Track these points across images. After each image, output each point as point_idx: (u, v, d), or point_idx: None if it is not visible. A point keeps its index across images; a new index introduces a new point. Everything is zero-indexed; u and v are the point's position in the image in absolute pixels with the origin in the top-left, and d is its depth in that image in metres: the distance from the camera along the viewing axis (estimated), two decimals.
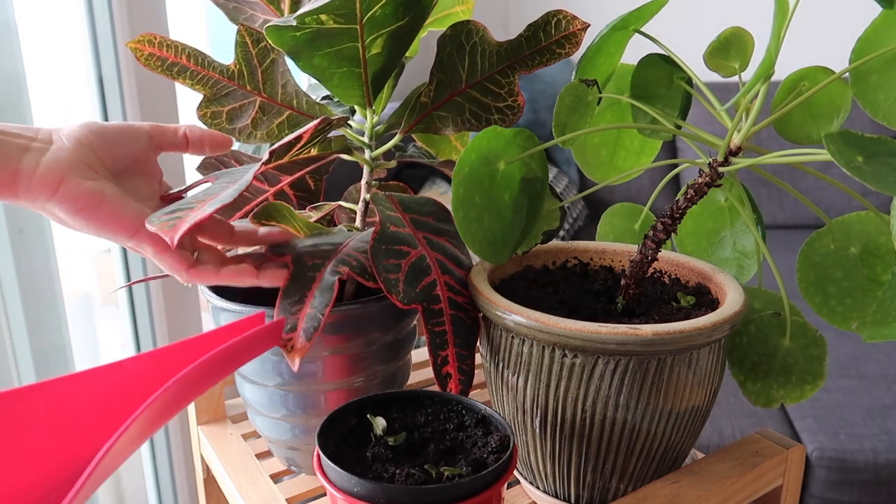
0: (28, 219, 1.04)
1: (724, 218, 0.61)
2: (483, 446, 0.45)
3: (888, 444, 1.17)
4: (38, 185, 0.45)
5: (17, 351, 1.01)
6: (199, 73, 0.58)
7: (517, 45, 0.57)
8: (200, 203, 0.45)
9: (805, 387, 0.53)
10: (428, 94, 0.59)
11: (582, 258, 0.63)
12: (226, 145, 0.55)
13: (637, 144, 0.62)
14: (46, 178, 0.45)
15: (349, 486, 0.41)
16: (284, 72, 0.59)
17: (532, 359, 0.49)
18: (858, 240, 0.53)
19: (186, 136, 0.53)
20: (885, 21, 0.44)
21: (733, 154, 0.49)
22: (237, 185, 0.47)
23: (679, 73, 0.56)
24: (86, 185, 0.46)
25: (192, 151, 0.54)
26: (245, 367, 0.58)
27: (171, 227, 0.43)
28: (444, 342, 0.52)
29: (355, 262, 0.52)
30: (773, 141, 1.99)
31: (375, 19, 0.51)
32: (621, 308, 0.55)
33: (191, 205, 0.45)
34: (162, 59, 0.57)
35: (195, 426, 0.70)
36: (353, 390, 0.57)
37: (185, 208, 0.45)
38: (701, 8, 2.18)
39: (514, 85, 0.58)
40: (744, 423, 1.25)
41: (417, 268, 0.53)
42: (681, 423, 0.50)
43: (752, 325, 0.54)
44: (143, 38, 0.57)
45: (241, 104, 0.59)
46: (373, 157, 0.61)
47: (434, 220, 0.59)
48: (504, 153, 0.53)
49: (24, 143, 0.46)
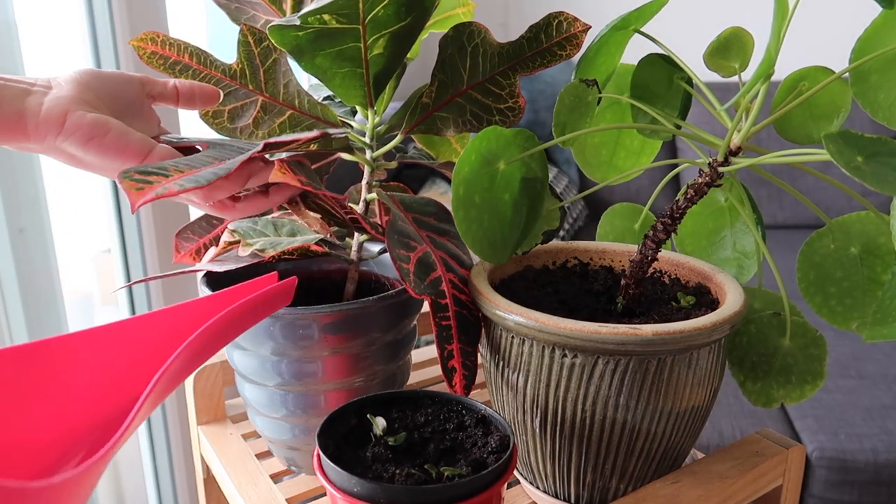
0: (28, 219, 1.04)
1: (724, 218, 0.61)
2: (483, 446, 0.45)
3: (888, 444, 1.17)
4: (45, 122, 0.47)
5: None
6: (202, 71, 0.58)
7: (518, 46, 0.57)
8: (178, 174, 0.44)
9: (805, 387, 0.53)
10: (429, 94, 0.59)
11: (582, 258, 0.63)
12: (215, 98, 0.56)
13: (637, 144, 0.62)
14: (51, 114, 0.47)
15: (349, 486, 0.41)
16: (286, 71, 0.59)
17: (532, 359, 0.49)
18: (858, 240, 0.52)
19: (177, 88, 0.55)
20: (885, 21, 0.44)
21: (733, 154, 0.49)
22: (217, 168, 0.45)
23: (679, 73, 0.56)
24: (90, 115, 0.47)
25: (183, 104, 0.55)
26: (245, 366, 0.58)
27: (138, 190, 0.41)
28: (450, 336, 0.52)
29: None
30: (773, 141, 1.99)
31: (378, 20, 0.51)
32: (621, 308, 0.55)
33: (167, 172, 0.44)
34: (164, 57, 0.57)
35: (195, 426, 0.70)
36: (353, 390, 0.57)
37: (161, 173, 0.43)
38: (701, 8, 2.18)
39: (515, 86, 0.58)
40: (744, 423, 1.25)
41: (424, 262, 0.53)
42: (681, 423, 0.50)
43: (752, 325, 0.54)
44: (145, 36, 0.57)
45: (242, 103, 0.59)
46: (374, 158, 0.61)
47: (436, 220, 0.59)
48: (504, 153, 0.53)
49: (25, 87, 0.48)
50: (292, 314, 0.53)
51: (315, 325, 0.54)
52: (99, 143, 0.47)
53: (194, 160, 0.47)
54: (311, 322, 0.54)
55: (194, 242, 0.66)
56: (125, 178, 0.42)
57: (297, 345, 0.55)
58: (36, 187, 1.03)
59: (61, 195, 1.15)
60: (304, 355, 0.55)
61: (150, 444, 1.27)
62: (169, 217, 1.21)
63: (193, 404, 0.70)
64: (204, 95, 0.56)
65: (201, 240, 0.66)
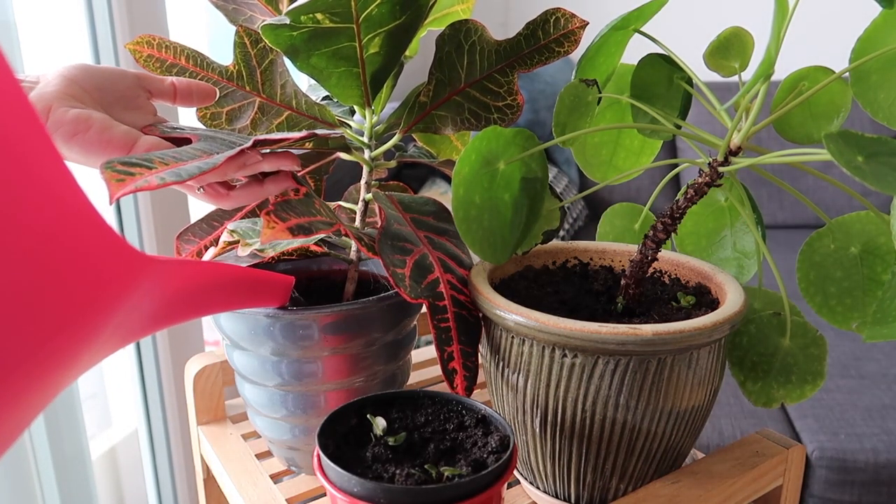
0: None
1: (725, 218, 0.61)
2: (483, 446, 0.45)
3: (888, 444, 1.17)
4: None
5: None
6: (198, 73, 0.58)
7: (516, 43, 0.57)
8: (163, 166, 0.43)
9: (805, 386, 0.53)
10: (427, 93, 0.59)
11: (582, 258, 0.63)
12: (212, 96, 0.57)
13: (637, 144, 0.62)
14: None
15: (349, 486, 0.41)
16: (283, 72, 0.59)
17: (532, 359, 0.49)
18: (858, 239, 0.52)
19: (174, 85, 0.55)
20: (885, 21, 0.44)
21: (733, 154, 0.49)
22: (201, 162, 0.45)
23: (679, 72, 0.56)
24: (72, 111, 0.47)
25: (180, 102, 0.55)
26: (245, 366, 0.58)
27: (117, 182, 0.40)
28: (450, 338, 0.52)
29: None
30: (774, 141, 1.99)
31: (372, 18, 0.51)
32: (621, 308, 0.55)
33: (151, 164, 0.43)
34: (161, 60, 0.57)
35: (195, 426, 0.70)
36: (353, 390, 0.57)
37: (145, 165, 0.43)
38: (701, 8, 2.18)
39: (513, 84, 0.58)
40: (744, 423, 1.24)
41: (421, 265, 0.53)
42: (681, 423, 0.50)
43: (752, 324, 0.54)
44: (141, 39, 0.57)
45: (240, 105, 0.59)
46: (372, 157, 0.61)
47: (434, 220, 0.59)
48: (504, 153, 0.53)
49: None
50: (292, 314, 0.53)
51: (315, 326, 0.54)
52: (82, 139, 0.47)
53: (181, 153, 0.46)
54: (310, 322, 0.54)
55: (195, 245, 0.66)
56: (107, 168, 0.41)
57: (297, 345, 0.55)
58: None
59: None
60: (304, 355, 0.55)
61: (150, 444, 1.27)
62: (169, 217, 1.21)
63: (193, 404, 0.70)
64: (201, 93, 0.56)
65: (202, 242, 0.66)
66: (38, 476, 1.01)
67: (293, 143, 0.51)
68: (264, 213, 0.48)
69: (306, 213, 0.50)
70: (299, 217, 0.49)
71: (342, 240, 0.64)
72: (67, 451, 1.06)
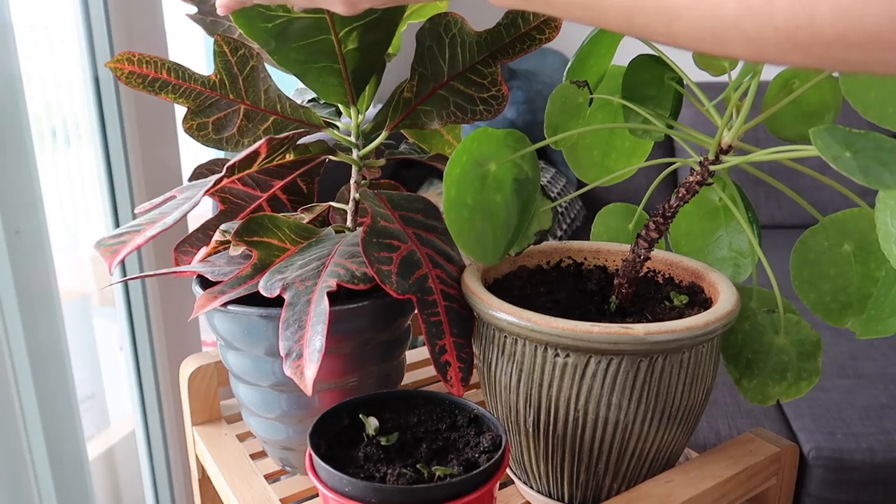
0: (25, 220, 1.04)
1: (720, 218, 0.61)
2: (475, 446, 0.45)
3: (885, 444, 1.17)
4: None
5: (13, 353, 1.01)
6: (181, 86, 0.58)
7: (497, 33, 0.57)
8: (149, 225, 0.50)
9: (801, 383, 0.53)
10: (411, 89, 0.59)
11: (576, 258, 0.63)
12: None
13: (628, 145, 0.62)
14: None
15: (341, 485, 0.41)
16: (265, 77, 0.59)
17: (525, 358, 0.49)
18: (852, 237, 0.53)
19: None
20: None
21: (724, 152, 0.49)
22: (183, 207, 0.50)
23: (670, 73, 0.56)
24: None
25: None
26: (239, 367, 0.58)
27: (111, 254, 0.48)
28: (441, 331, 0.52)
29: (343, 270, 0.52)
30: (770, 142, 1.99)
31: None
32: (615, 308, 0.55)
33: (139, 227, 0.50)
34: (142, 75, 0.57)
35: (190, 426, 0.70)
36: (347, 390, 0.57)
37: (133, 231, 0.50)
38: None
39: (496, 74, 0.58)
40: (741, 422, 1.24)
41: (409, 261, 0.53)
42: (674, 422, 0.50)
43: (746, 322, 0.54)
44: (121, 56, 0.56)
45: (225, 113, 0.59)
46: (361, 157, 0.61)
47: (423, 217, 0.59)
48: (495, 154, 0.53)
49: None
50: None
51: None
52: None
53: (167, 208, 0.52)
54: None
55: (192, 255, 0.66)
56: (100, 246, 0.50)
57: None
58: (32, 189, 1.03)
59: (58, 197, 1.15)
60: None
61: (146, 444, 1.27)
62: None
63: (188, 405, 0.70)
64: None
65: (199, 252, 0.66)
66: (35, 477, 1.01)
67: (270, 156, 0.51)
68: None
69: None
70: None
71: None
72: (64, 453, 1.06)
